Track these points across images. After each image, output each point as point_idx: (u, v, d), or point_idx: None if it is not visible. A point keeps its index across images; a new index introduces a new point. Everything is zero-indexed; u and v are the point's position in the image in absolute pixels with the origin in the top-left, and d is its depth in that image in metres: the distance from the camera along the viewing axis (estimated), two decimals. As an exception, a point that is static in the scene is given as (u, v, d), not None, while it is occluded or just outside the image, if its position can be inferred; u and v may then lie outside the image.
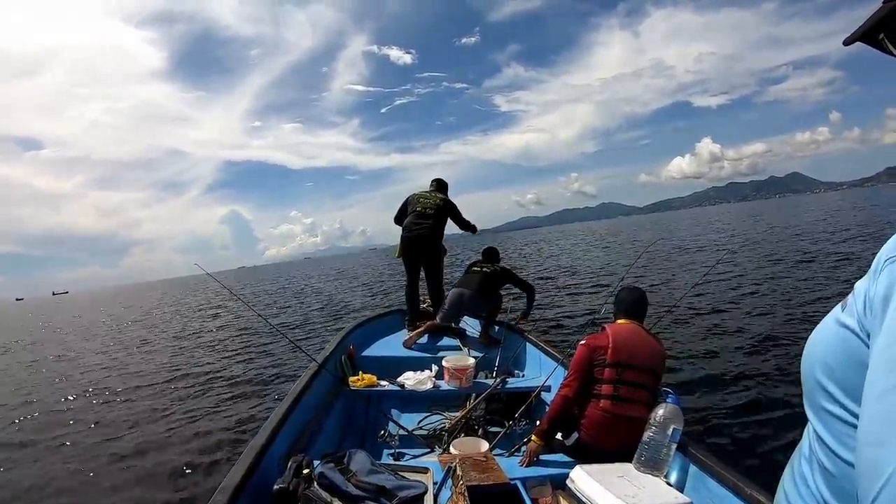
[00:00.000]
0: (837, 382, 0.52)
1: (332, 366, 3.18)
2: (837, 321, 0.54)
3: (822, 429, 0.54)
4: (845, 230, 18.50)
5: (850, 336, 0.51)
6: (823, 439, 0.53)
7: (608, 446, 2.14)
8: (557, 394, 2.25)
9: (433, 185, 4.76)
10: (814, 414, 0.56)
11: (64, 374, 8.98)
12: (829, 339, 0.55)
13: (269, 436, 2.02)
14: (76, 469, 4.29)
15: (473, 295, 3.98)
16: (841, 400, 0.51)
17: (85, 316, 27.65)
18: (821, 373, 0.54)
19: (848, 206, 41.76)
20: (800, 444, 0.61)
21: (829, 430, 0.53)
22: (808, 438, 0.58)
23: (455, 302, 4.01)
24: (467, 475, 1.79)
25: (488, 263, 4.27)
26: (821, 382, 0.54)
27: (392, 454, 2.83)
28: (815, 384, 0.55)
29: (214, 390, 6.44)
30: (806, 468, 0.57)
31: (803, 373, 0.59)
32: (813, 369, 0.56)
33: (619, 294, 2.48)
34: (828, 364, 0.54)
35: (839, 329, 0.53)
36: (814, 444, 0.56)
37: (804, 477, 0.57)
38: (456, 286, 4.12)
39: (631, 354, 2.19)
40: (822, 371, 0.54)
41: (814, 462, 0.55)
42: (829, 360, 0.54)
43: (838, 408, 0.52)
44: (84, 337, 15.66)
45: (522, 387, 3.20)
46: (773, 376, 4.60)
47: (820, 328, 0.58)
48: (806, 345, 0.59)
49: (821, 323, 0.58)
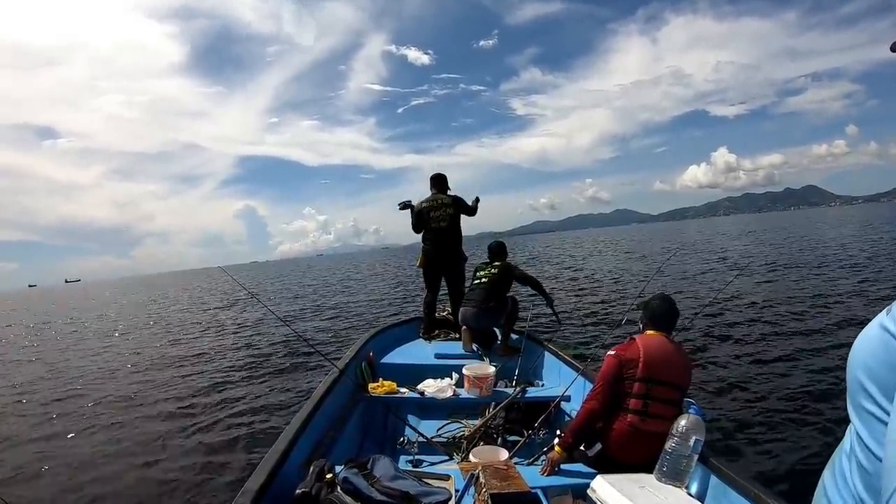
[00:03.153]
0: (877, 383, 0.55)
1: (352, 372, 3.22)
2: (881, 325, 0.57)
3: (862, 428, 0.57)
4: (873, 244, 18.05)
5: (892, 340, 0.54)
6: (863, 438, 0.56)
7: (632, 460, 2.11)
8: (583, 405, 2.23)
9: (434, 186, 4.69)
10: (855, 413, 0.59)
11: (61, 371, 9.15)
12: (871, 341, 0.58)
13: (291, 440, 2.06)
14: (89, 472, 4.33)
15: (477, 313, 4.01)
16: (879, 400, 0.54)
17: (104, 303, 28.22)
18: (862, 374, 0.57)
19: (873, 220, 40.20)
20: (842, 441, 0.64)
21: (868, 428, 0.56)
22: (850, 437, 0.61)
23: (464, 322, 4.08)
24: (490, 483, 1.81)
25: (495, 262, 4.26)
26: (862, 383, 0.57)
27: (411, 461, 2.84)
28: (857, 384, 0.58)
29: (231, 390, 6.50)
30: (846, 465, 0.60)
31: (847, 373, 0.62)
32: (855, 370, 0.59)
33: (650, 303, 2.39)
34: (869, 366, 0.57)
35: (882, 333, 0.56)
36: (854, 442, 0.59)
37: (844, 474, 0.60)
38: (464, 303, 4.16)
39: (661, 369, 2.15)
40: (864, 372, 0.57)
41: (853, 460, 0.58)
42: (871, 362, 0.57)
43: (877, 408, 0.55)
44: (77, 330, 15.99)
45: (542, 396, 3.20)
46: (797, 389, 4.51)
47: (865, 331, 0.61)
48: (851, 348, 0.62)
49: (866, 326, 0.61)
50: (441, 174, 4.75)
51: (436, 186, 4.69)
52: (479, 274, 4.21)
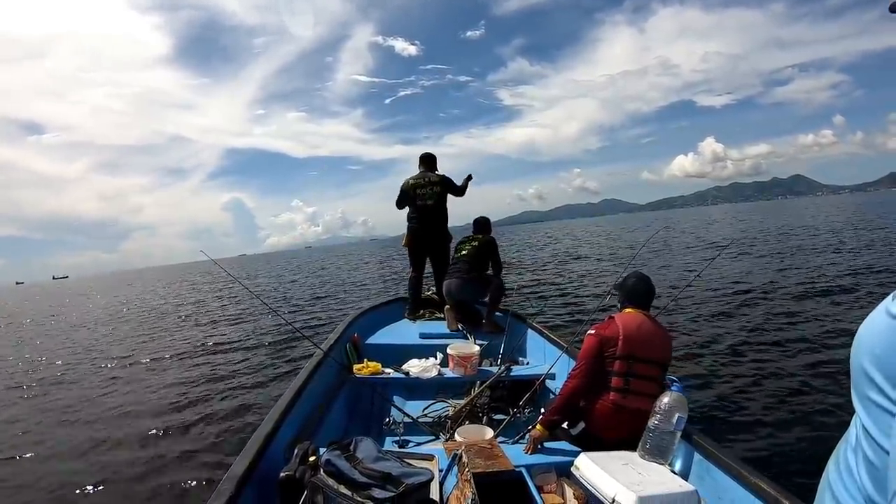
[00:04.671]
0: (885, 372, 0.52)
1: (336, 354, 3.18)
2: (888, 312, 0.54)
3: (868, 419, 0.53)
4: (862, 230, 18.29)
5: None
6: (869, 430, 0.53)
7: (616, 437, 2.13)
8: (565, 384, 2.24)
9: (423, 164, 4.63)
10: (860, 404, 0.56)
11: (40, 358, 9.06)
12: (878, 329, 0.54)
13: (275, 424, 2.03)
14: (71, 462, 4.29)
15: (461, 283, 4.01)
16: (887, 391, 0.51)
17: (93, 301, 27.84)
18: (868, 363, 0.54)
19: (865, 209, 40.41)
20: (846, 433, 0.60)
21: (875, 420, 0.52)
22: (855, 429, 0.57)
23: (447, 295, 4.09)
24: (473, 462, 1.79)
25: (477, 235, 4.28)
26: (868, 372, 0.54)
27: (397, 441, 2.85)
28: (863, 374, 0.55)
29: (218, 377, 6.48)
30: (851, 458, 0.57)
31: (852, 362, 0.58)
32: (861, 359, 0.55)
33: (626, 281, 2.40)
34: (876, 354, 0.53)
35: (889, 320, 0.53)
36: (860, 435, 0.55)
37: (849, 467, 0.57)
38: (448, 275, 4.15)
39: (641, 346, 2.16)
40: (870, 361, 0.54)
41: (859, 453, 0.55)
42: (878, 351, 0.53)
43: (884, 398, 0.51)
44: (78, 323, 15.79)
45: (527, 375, 3.21)
46: (779, 367, 4.62)
47: (870, 318, 0.57)
48: (855, 335, 0.58)
49: (871, 313, 0.57)
50: (431, 154, 4.68)
51: (424, 165, 4.62)
52: (462, 247, 4.24)
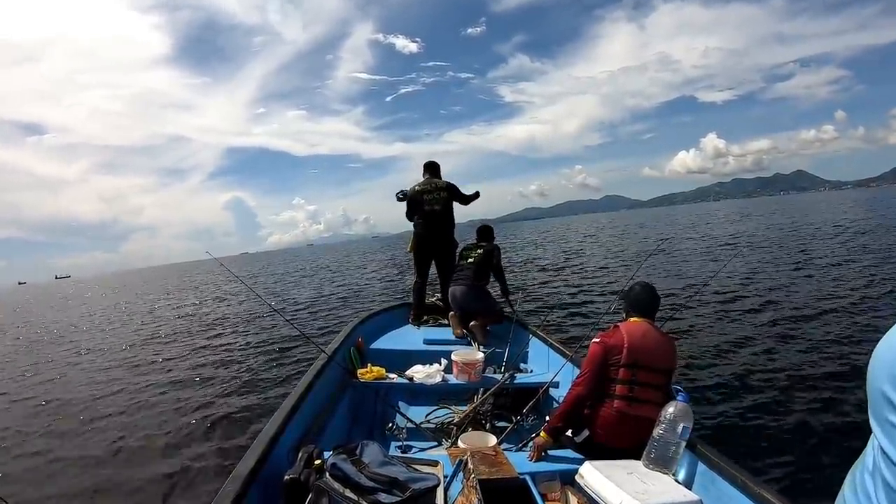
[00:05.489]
0: None
1: (341, 358, 3.20)
2: None
3: (888, 443, 0.51)
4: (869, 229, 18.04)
5: None
6: (888, 454, 0.51)
7: (620, 445, 2.14)
8: (570, 392, 2.25)
9: (427, 171, 4.69)
10: (879, 427, 0.53)
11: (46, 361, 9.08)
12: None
13: (280, 426, 2.04)
14: (75, 464, 4.29)
15: (466, 290, 4.03)
16: None
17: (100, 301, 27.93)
18: (888, 384, 0.51)
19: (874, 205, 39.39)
20: (862, 454, 0.58)
21: (895, 444, 0.51)
22: (873, 451, 0.55)
23: (453, 302, 4.11)
24: (478, 469, 1.80)
25: (482, 243, 4.31)
26: (887, 395, 0.51)
27: (400, 447, 2.84)
28: (881, 396, 0.52)
29: (221, 378, 6.49)
30: (869, 482, 0.55)
31: (869, 383, 0.56)
32: (880, 380, 0.53)
33: (632, 291, 2.43)
34: (895, 376, 0.51)
35: None
36: (878, 459, 0.53)
37: (867, 491, 0.55)
38: (451, 283, 4.18)
39: (646, 355, 2.18)
40: (890, 382, 0.51)
41: (877, 477, 0.53)
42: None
43: None
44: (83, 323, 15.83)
45: (530, 382, 3.21)
46: (787, 377, 4.57)
47: (888, 339, 0.54)
48: (872, 355, 0.56)
49: (890, 331, 0.55)
50: (435, 162, 4.76)
51: (429, 172, 4.69)
52: (468, 254, 4.27)
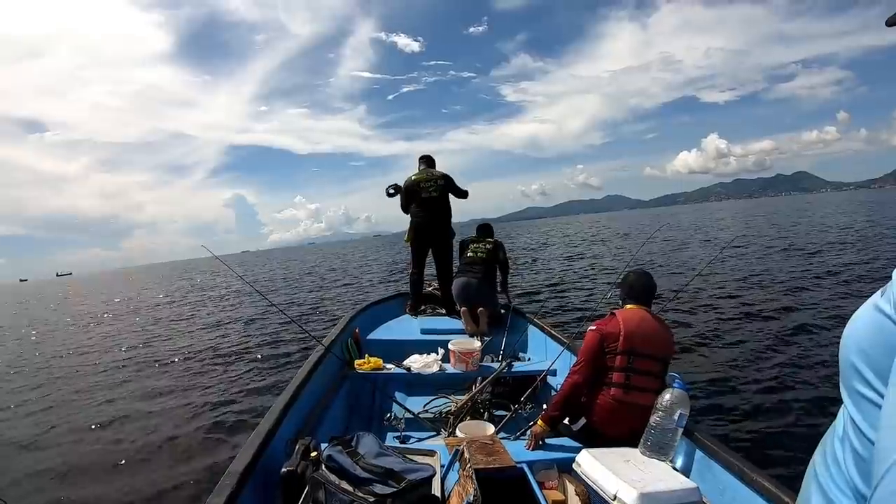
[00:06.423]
0: (872, 366, 0.53)
1: (337, 349, 3.18)
2: (875, 307, 0.54)
3: (856, 411, 0.55)
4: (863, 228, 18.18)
5: (887, 322, 0.52)
6: (856, 422, 0.54)
7: (617, 433, 2.14)
8: (566, 380, 2.24)
9: (423, 163, 4.70)
10: (848, 396, 0.57)
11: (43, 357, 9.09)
12: (866, 323, 0.55)
13: (277, 419, 2.03)
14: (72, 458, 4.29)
15: (479, 284, 3.97)
16: (874, 384, 0.52)
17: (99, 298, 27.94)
18: (856, 356, 0.55)
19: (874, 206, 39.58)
20: (833, 424, 0.61)
21: (862, 412, 0.54)
22: (843, 420, 0.58)
23: (461, 294, 4.01)
24: (474, 458, 1.79)
25: (485, 239, 4.26)
26: (855, 365, 0.55)
27: (398, 437, 2.84)
28: (851, 367, 0.56)
29: (219, 372, 6.50)
30: (839, 449, 0.58)
31: (840, 355, 0.59)
32: (849, 352, 0.57)
33: (627, 278, 2.41)
34: (863, 348, 0.54)
35: (876, 314, 0.54)
36: (847, 426, 0.56)
37: (836, 458, 0.58)
38: (459, 274, 4.11)
39: (642, 342, 2.17)
40: (858, 354, 0.55)
41: (846, 444, 0.56)
42: (865, 345, 0.54)
43: (871, 391, 0.52)
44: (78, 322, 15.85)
45: (528, 371, 3.21)
46: (784, 364, 4.60)
47: (858, 313, 0.58)
48: (845, 328, 0.60)
49: (860, 308, 0.58)
50: (430, 155, 4.76)
51: (425, 163, 4.69)
52: (476, 247, 4.19)
